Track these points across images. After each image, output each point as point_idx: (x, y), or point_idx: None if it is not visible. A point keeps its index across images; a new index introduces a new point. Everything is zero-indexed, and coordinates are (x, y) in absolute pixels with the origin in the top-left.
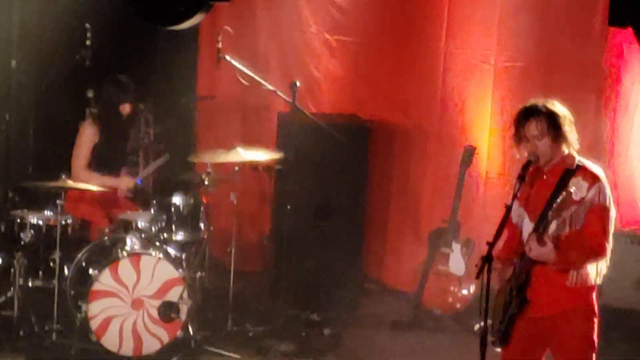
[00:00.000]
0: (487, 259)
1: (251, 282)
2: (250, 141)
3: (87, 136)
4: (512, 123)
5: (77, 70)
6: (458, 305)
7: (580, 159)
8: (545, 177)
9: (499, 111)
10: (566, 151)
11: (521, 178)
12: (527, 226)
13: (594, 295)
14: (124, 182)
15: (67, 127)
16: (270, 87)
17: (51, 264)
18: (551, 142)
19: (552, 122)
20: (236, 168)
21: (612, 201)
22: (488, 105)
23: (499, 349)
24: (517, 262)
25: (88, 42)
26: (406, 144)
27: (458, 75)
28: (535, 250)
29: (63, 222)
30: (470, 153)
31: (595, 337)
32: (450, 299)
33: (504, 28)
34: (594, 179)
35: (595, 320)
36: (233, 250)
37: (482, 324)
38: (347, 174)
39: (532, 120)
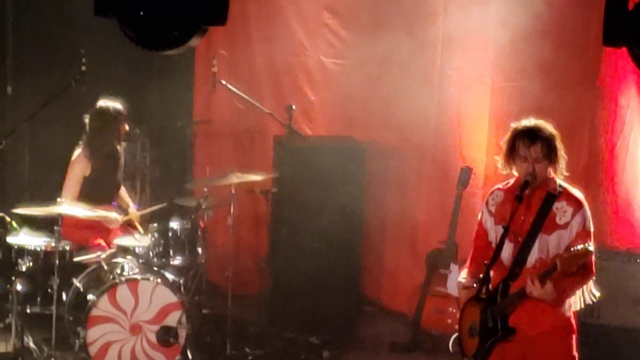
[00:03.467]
0: (485, 280)
1: (249, 306)
2: (246, 164)
3: (78, 169)
4: (507, 141)
5: (72, 95)
6: (456, 327)
7: (560, 183)
8: (527, 200)
9: (496, 131)
10: (551, 174)
11: (518, 198)
12: (506, 245)
13: (573, 313)
14: (111, 219)
15: (63, 152)
16: (266, 111)
17: (49, 290)
18: (547, 166)
19: (552, 146)
20: (233, 192)
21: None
22: (484, 125)
23: None
24: (500, 292)
25: (83, 68)
26: (402, 165)
27: (454, 96)
28: (537, 291)
29: (60, 248)
30: (466, 174)
31: (575, 353)
32: (448, 321)
33: (499, 48)
34: (578, 204)
35: (574, 337)
36: (231, 274)
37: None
38: (343, 196)
39: (537, 142)
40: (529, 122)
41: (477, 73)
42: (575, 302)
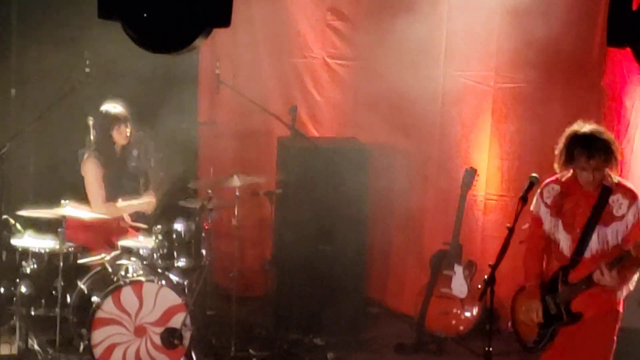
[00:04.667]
0: (490, 281)
1: (254, 308)
2: (250, 166)
3: (94, 170)
4: (563, 148)
5: (76, 98)
6: (461, 328)
7: (615, 177)
8: (585, 194)
9: (499, 133)
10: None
11: (524, 199)
12: (563, 236)
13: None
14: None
15: (68, 155)
16: (270, 112)
17: (53, 292)
18: (606, 171)
19: (610, 153)
20: (237, 193)
21: None
22: (487, 126)
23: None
24: (561, 279)
25: (87, 70)
26: (407, 166)
27: (457, 97)
28: (605, 279)
29: (65, 250)
30: (471, 175)
31: (615, 337)
32: (453, 322)
33: (502, 49)
34: (633, 197)
35: (618, 324)
36: (235, 276)
37: (487, 347)
38: (348, 197)
39: (596, 154)
40: (586, 128)
41: (481, 74)
42: (630, 289)
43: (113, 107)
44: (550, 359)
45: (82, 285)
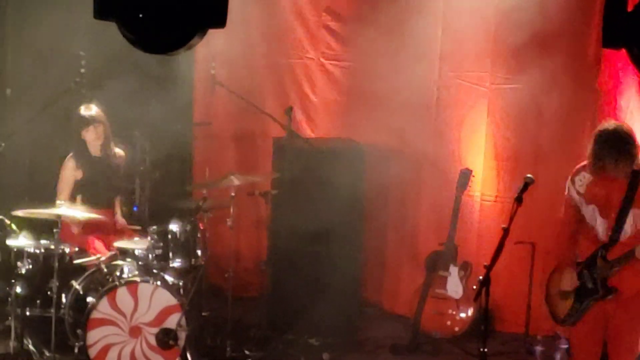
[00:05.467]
0: (486, 282)
1: (249, 308)
2: (246, 166)
3: (67, 170)
4: (592, 150)
5: (72, 98)
6: (456, 329)
7: None
8: (615, 180)
9: (494, 133)
10: None
11: (519, 200)
12: (599, 221)
13: None
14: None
15: (63, 155)
16: (266, 112)
17: (49, 292)
18: (633, 164)
19: (636, 150)
20: (232, 194)
21: None
22: (483, 127)
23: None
24: (600, 256)
25: (83, 70)
26: (402, 167)
27: (453, 98)
28: None
29: (60, 251)
30: (466, 176)
31: None
32: (448, 322)
33: (498, 50)
34: None
35: None
36: (231, 276)
37: (482, 348)
38: (343, 198)
39: (622, 156)
40: (611, 130)
41: (476, 75)
42: None
43: (84, 108)
44: (580, 333)
45: (77, 285)
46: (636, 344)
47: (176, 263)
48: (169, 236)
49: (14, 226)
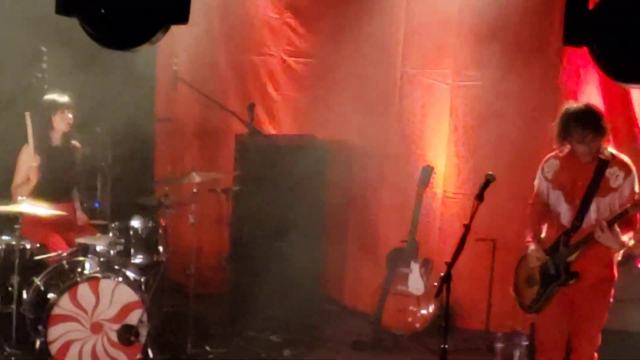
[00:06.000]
0: (447, 279)
1: (210, 304)
2: (208, 163)
3: (24, 156)
4: (559, 123)
5: (33, 93)
6: (417, 325)
7: (610, 150)
8: (582, 167)
9: (456, 130)
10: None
11: (479, 197)
12: (564, 207)
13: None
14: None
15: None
16: (228, 109)
17: (9, 288)
18: (601, 141)
19: (603, 125)
20: (194, 190)
21: None
22: (445, 124)
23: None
24: (562, 242)
25: (44, 65)
26: (364, 164)
27: (415, 95)
28: (605, 235)
29: (21, 247)
30: (428, 173)
31: (611, 299)
32: (409, 319)
33: (460, 48)
34: (628, 169)
35: (612, 289)
36: (192, 273)
37: (442, 345)
38: (305, 195)
39: (589, 126)
40: (580, 105)
41: (438, 72)
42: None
43: (58, 95)
44: (544, 319)
45: (38, 281)
46: (598, 332)
47: (138, 259)
48: (131, 232)
49: None
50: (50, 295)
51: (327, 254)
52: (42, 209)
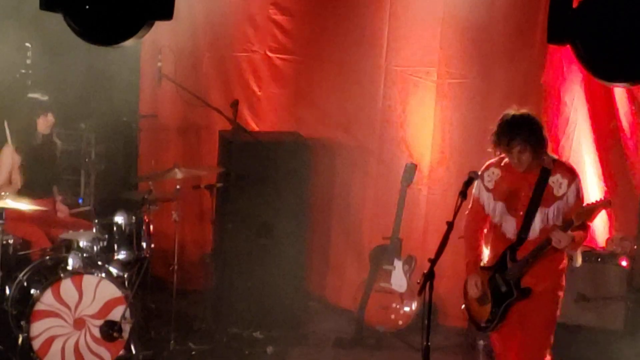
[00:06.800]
0: (429, 276)
1: (194, 301)
2: (191, 159)
3: (4, 156)
4: (494, 131)
5: (17, 89)
6: (400, 322)
7: (553, 157)
8: (524, 177)
9: (441, 127)
10: (543, 154)
11: (462, 195)
12: (507, 219)
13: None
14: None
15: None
16: (212, 106)
17: None
18: (532, 153)
19: (534, 138)
20: (178, 187)
21: None
22: (430, 121)
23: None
24: (509, 257)
25: (29, 61)
26: (348, 161)
27: (399, 93)
28: (564, 239)
29: (4, 242)
30: (411, 170)
31: (558, 312)
32: (392, 316)
33: (445, 44)
34: (572, 175)
35: (561, 295)
36: (175, 269)
37: (425, 342)
38: (288, 191)
39: (517, 139)
40: (515, 113)
41: (423, 70)
42: (578, 260)
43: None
44: (499, 337)
45: (21, 277)
46: (547, 340)
47: (121, 255)
48: (114, 228)
49: None
50: (33, 291)
51: (311, 250)
52: (24, 204)
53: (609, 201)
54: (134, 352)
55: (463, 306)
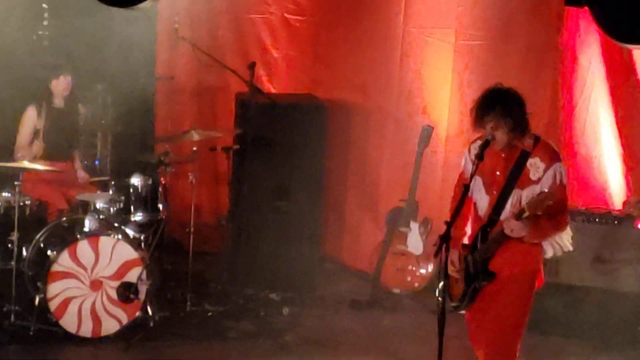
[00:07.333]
0: (445, 238)
1: (210, 263)
2: (208, 122)
3: (27, 118)
4: (470, 110)
5: (34, 50)
6: (416, 284)
7: (537, 138)
8: (503, 156)
9: (458, 90)
10: (522, 133)
11: (479, 157)
12: (481, 196)
13: (540, 261)
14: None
15: (21, 108)
16: (229, 68)
17: (9, 245)
18: (507, 131)
19: (507, 114)
20: (194, 149)
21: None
22: (447, 84)
23: (462, 312)
24: (479, 238)
25: (45, 23)
26: (364, 124)
27: (417, 55)
28: (515, 228)
29: (21, 204)
30: (428, 133)
31: (532, 299)
32: (408, 278)
33: (463, 6)
34: (550, 160)
35: (536, 283)
36: (192, 231)
37: (440, 301)
38: (305, 154)
39: (488, 113)
40: (493, 87)
41: (441, 31)
42: (547, 250)
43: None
44: (470, 318)
45: (38, 238)
46: (515, 330)
47: (137, 217)
48: (131, 190)
49: None
50: (50, 252)
51: (326, 212)
52: (42, 166)
53: (551, 193)
54: (150, 313)
55: (442, 283)
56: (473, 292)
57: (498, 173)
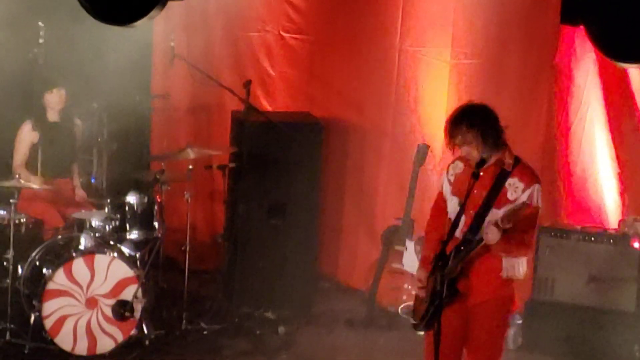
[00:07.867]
0: (441, 257)
1: (205, 281)
2: (204, 140)
3: (23, 135)
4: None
5: (30, 68)
6: (412, 303)
7: (517, 159)
8: (481, 174)
9: (454, 108)
10: (500, 151)
11: (475, 175)
12: (460, 218)
13: (513, 286)
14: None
15: (18, 124)
16: (224, 86)
17: (4, 263)
18: (477, 145)
19: (479, 130)
20: (190, 167)
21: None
22: (443, 102)
23: (421, 333)
24: (453, 257)
25: (41, 41)
26: (360, 142)
27: (413, 73)
28: (492, 235)
29: (16, 221)
30: (423, 151)
31: (508, 323)
32: (404, 297)
33: (458, 25)
34: (530, 180)
35: (511, 309)
36: (187, 249)
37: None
38: (301, 172)
39: (456, 133)
40: (456, 108)
41: (436, 50)
42: (514, 272)
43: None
44: (441, 342)
45: (33, 256)
46: (495, 355)
47: (133, 235)
48: (126, 208)
49: None
50: (45, 270)
51: (323, 231)
52: (38, 184)
53: (526, 204)
54: (145, 331)
55: (406, 303)
56: (435, 310)
57: (475, 192)
